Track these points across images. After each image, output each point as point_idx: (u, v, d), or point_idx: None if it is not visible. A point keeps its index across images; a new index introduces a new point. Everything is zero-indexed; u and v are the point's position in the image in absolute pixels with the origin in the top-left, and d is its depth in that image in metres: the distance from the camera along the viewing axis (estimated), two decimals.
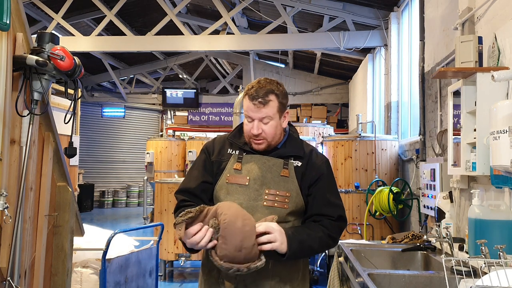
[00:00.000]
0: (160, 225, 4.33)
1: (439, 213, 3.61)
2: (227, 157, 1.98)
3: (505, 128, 2.20)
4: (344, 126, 13.20)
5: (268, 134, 1.89)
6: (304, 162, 1.97)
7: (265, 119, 1.88)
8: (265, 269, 1.80)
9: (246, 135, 1.95)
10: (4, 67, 1.95)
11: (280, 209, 1.87)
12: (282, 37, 9.02)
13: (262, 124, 1.88)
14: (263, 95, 1.86)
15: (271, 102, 1.87)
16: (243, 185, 1.90)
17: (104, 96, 15.61)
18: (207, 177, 1.99)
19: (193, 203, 1.91)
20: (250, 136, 1.92)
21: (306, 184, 1.95)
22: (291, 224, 1.91)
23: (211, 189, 1.99)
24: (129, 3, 9.52)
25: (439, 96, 4.55)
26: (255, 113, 1.87)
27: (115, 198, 15.94)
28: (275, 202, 1.88)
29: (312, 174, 1.96)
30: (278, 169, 1.93)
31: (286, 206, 1.88)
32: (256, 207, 1.87)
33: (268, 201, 1.87)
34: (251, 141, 1.93)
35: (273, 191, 1.89)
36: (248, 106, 1.88)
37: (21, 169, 2.12)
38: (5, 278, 2.01)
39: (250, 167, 1.93)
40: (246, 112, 1.90)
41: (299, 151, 1.98)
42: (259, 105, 1.86)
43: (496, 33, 2.92)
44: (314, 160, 2.00)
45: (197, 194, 1.97)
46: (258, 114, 1.87)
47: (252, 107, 1.87)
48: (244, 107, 1.91)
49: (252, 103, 1.86)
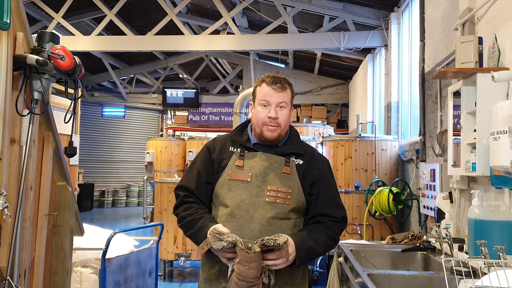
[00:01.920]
0: (160, 225, 4.33)
1: (439, 214, 3.61)
2: (228, 155, 2.00)
3: (505, 129, 2.20)
4: (344, 126, 13.20)
5: (282, 120, 1.96)
6: (306, 161, 2.00)
7: (282, 104, 1.95)
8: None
9: (259, 122, 1.97)
10: (4, 67, 1.94)
11: (283, 205, 1.90)
12: (282, 37, 9.02)
13: (279, 109, 1.95)
14: (282, 81, 1.98)
15: (288, 89, 1.98)
16: (245, 181, 1.92)
17: (104, 95, 15.61)
18: (206, 177, 2.01)
19: (196, 202, 1.99)
20: (265, 122, 1.95)
21: (308, 182, 1.97)
22: (293, 221, 1.93)
23: (210, 188, 2.01)
24: (129, 3, 9.52)
25: (439, 96, 4.55)
26: (273, 97, 1.94)
27: (115, 198, 15.93)
28: (277, 198, 1.89)
29: (314, 173, 1.99)
30: (279, 166, 1.95)
31: (288, 203, 1.91)
32: (259, 203, 1.88)
33: (270, 197, 1.89)
34: (265, 128, 1.95)
35: (275, 187, 1.90)
36: (266, 91, 1.96)
37: (21, 168, 2.12)
38: (5, 277, 2.01)
39: (252, 164, 1.95)
40: (263, 97, 1.96)
41: (300, 149, 2.02)
42: (278, 90, 1.95)
43: (496, 34, 2.92)
44: (316, 159, 2.04)
45: (197, 195, 2.00)
46: (276, 98, 1.94)
47: (271, 92, 1.95)
48: (260, 94, 1.98)
49: (271, 88, 1.95)
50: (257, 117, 1.97)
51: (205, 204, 2.02)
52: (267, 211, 1.87)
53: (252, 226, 1.86)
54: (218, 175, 1.98)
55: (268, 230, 1.85)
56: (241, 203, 1.89)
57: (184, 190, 2.02)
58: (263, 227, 1.85)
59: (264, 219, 1.86)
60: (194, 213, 1.93)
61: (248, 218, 1.87)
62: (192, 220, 1.91)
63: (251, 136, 2.05)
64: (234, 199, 1.91)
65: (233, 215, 1.89)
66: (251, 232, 1.85)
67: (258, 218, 1.86)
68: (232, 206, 1.90)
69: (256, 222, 1.86)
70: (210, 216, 1.95)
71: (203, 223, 1.87)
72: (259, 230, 1.85)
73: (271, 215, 1.87)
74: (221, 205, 1.96)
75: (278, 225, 1.88)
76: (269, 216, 1.87)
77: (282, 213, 1.89)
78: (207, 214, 1.95)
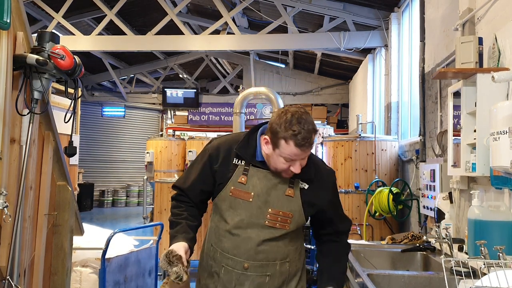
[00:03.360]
0: (159, 225, 4.32)
1: (439, 214, 3.61)
2: (232, 167, 1.91)
3: (505, 129, 2.20)
4: (344, 127, 13.20)
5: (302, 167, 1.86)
6: (312, 186, 1.94)
7: (305, 156, 1.83)
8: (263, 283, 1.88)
9: (276, 167, 1.84)
10: (5, 66, 1.94)
11: (281, 230, 1.89)
12: (282, 37, 9.02)
13: (302, 161, 1.83)
14: (311, 138, 1.77)
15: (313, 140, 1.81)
16: (246, 201, 1.88)
17: (104, 95, 15.60)
18: (203, 186, 1.98)
19: (188, 201, 1.99)
20: (285, 171, 1.84)
21: (315, 208, 1.96)
22: (289, 236, 1.93)
23: (206, 194, 2.00)
24: (129, 3, 9.52)
25: (439, 96, 4.55)
26: (300, 156, 1.79)
27: (114, 198, 15.93)
28: (276, 222, 1.88)
29: (324, 195, 1.97)
30: (283, 188, 1.89)
31: (287, 227, 1.89)
32: (258, 225, 1.87)
33: (270, 220, 1.87)
34: (284, 173, 1.86)
35: (276, 210, 1.87)
36: (293, 151, 1.76)
37: (21, 168, 2.12)
38: (5, 277, 2.01)
39: (255, 181, 1.89)
40: (288, 155, 1.77)
41: (309, 174, 1.91)
42: (306, 150, 1.79)
43: (497, 34, 2.92)
44: (324, 179, 1.98)
45: (190, 197, 2.00)
46: (302, 155, 1.80)
47: (300, 153, 1.77)
48: (286, 151, 1.77)
49: (300, 150, 1.76)
50: (276, 164, 1.84)
51: (197, 206, 2.02)
52: (264, 234, 1.87)
53: (248, 247, 1.86)
54: (220, 187, 1.93)
55: (263, 250, 1.87)
56: (240, 223, 1.88)
57: (179, 190, 2.03)
58: (259, 247, 1.87)
59: (261, 240, 1.87)
60: (179, 215, 1.94)
61: (245, 238, 1.87)
62: (172, 222, 1.94)
63: (259, 148, 1.90)
64: (234, 217, 1.89)
65: (231, 232, 1.89)
66: (247, 252, 1.86)
67: (255, 238, 1.86)
68: (231, 224, 1.90)
69: (253, 242, 1.86)
70: (188, 224, 1.92)
71: (176, 232, 1.88)
72: (255, 251, 1.86)
73: (268, 237, 1.87)
74: (220, 217, 1.95)
75: (274, 244, 1.89)
76: (266, 238, 1.87)
77: (280, 235, 1.89)
78: (188, 221, 1.92)
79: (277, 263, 1.89)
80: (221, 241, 1.91)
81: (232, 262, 1.88)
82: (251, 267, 1.86)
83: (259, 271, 1.87)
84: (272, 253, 1.88)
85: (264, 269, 1.87)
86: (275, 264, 1.89)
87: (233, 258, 1.88)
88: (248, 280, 1.87)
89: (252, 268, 1.86)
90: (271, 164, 1.86)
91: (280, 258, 1.90)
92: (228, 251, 1.89)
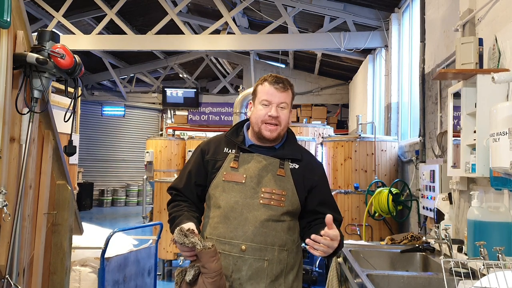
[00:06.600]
0: (159, 224, 4.33)
1: (438, 215, 3.61)
2: (223, 156, 2.00)
3: (505, 130, 2.20)
4: (344, 127, 13.21)
5: (282, 120, 1.96)
6: (302, 165, 2.01)
7: (283, 104, 1.95)
8: (261, 268, 1.85)
9: (258, 121, 1.96)
10: (5, 65, 1.94)
11: (277, 207, 1.90)
12: (282, 37, 9.02)
13: (279, 108, 1.95)
14: (285, 81, 1.98)
15: (289, 90, 1.99)
16: (239, 183, 1.92)
17: (104, 94, 15.61)
18: (196, 179, 2.02)
19: (185, 200, 2.02)
20: (265, 120, 1.94)
21: (306, 187, 1.98)
22: (287, 224, 1.93)
23: (200, 190, 2.03)
24: (129, 2, 9.52)
25: (439, 97, 4.55)
26: (275, 97, 1.94)
27: (114, 197, 15.93)
28: (271, 200, 1.90)
29: (314, 179, 2.00)
30: (274, 168, 1.96)
31: (282, 205, 1.91)
32: (253, 204, 1.89)
33: (264, 199, 1.90)
34: (264, 126, 1.95)
35: (269, 189, 1.91)
36: (268, 90, 1.95)
37: (20, 167, 2.11)
38: (4, 276, 2.01)
39: (247, 165, 1.96)
40: (264, 96, 1.95)
41: (296, 154, 2.02)
42: (280, 90, 1.95)
43: (497, 35, 2.92)
44: (313, 164, 2.05)
45: (187, 195, 2.03)
46: (278, 98, 1.94)
47: (273, 91, 1.94)
48: (262, 93, 1.97)
49: (273, 87, 1.95)
50: (257, 115, 1.96)
51: (195, 204, 2.04)
52: (261, 213, 1.87)
53: (245, 228, 1.86)
54: (212, 176, 1.98)
55: (261, 232, 1.86)
56: (235, 205, 1.90)
57: (175, 190, 2.06)
58: (256, 229, 1.86)
59: (258, 221, 1.87)
60: (179, 210, 1.97)
61: (242, 220, 1.88)
62: (174, 216, 1.96)
63: (247, 136, 2.04)
64: (228, 200, 1.91)
65: (227, 217, 1.90)
66: (244, 234, 1.86)
67: (252, 220, 1.87)
68: (225, 208, 1.90)
69: (250, 224, 1.86)
70: (191, 214, 1.95)
71: (181, 220, 1.89)
72: (252, 232, 1.86)
73: (265, 217, 1.88)
74: (214, 206, 1.96)
75: (272, 227, 1.88)
76: (263, 218, 1.87)
77: (276, 215, 1.89)
78: (189, 212, 1.96)
79: (276, 248, 1.88)
80: (216, 228, 1.91)
81: (228, 246, 1.87)
82: (249, 249, 1.85)
83: (257, 255, 1.86)
84: (270, 236, 1.87)
85: (263, 253, 1.86)
86: (273, 249, 1.87)
87: (229, 242, 1.87)
88: (245, 264, 1.85)
89: (250, 250, 1.85)
90: (253, 121, 1.98)
91: (278, 244, 1.89)
92: (224, 236, 1.88)
